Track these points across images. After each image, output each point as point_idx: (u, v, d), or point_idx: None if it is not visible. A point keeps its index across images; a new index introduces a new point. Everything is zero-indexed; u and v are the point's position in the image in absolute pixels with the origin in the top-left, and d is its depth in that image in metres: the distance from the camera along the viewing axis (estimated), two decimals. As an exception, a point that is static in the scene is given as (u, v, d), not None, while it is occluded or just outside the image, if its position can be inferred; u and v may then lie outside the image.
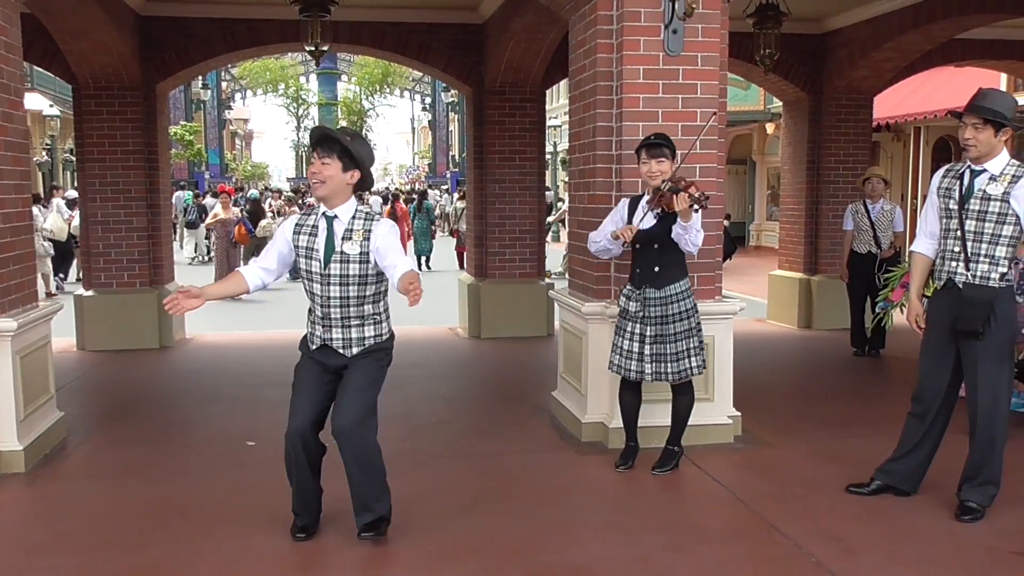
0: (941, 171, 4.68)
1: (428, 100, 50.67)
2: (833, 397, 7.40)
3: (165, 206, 9.89)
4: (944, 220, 4.56)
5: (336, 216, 4.09)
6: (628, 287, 5.22)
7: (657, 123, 5.53)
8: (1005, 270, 4.43)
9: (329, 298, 4.10)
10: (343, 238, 4.07)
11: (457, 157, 44.56)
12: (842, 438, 6.00)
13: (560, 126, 27.23)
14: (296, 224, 4.21)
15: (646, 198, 5.11)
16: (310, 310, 4.22)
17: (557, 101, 32.19)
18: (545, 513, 4.68)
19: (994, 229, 4.40)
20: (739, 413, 5.96)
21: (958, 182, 4.50)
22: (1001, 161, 4.44)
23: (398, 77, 46.60)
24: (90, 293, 9.46)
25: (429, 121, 53.68)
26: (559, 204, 25.59)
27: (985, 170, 4.44)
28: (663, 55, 5.53)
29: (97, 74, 9.02)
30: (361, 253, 4.06)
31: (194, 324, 10.37)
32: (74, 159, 11.36)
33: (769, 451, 5.74)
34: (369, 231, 4.07)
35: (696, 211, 4.88)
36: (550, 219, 20.49)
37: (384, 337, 4.21)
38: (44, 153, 24.75)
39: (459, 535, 4.37)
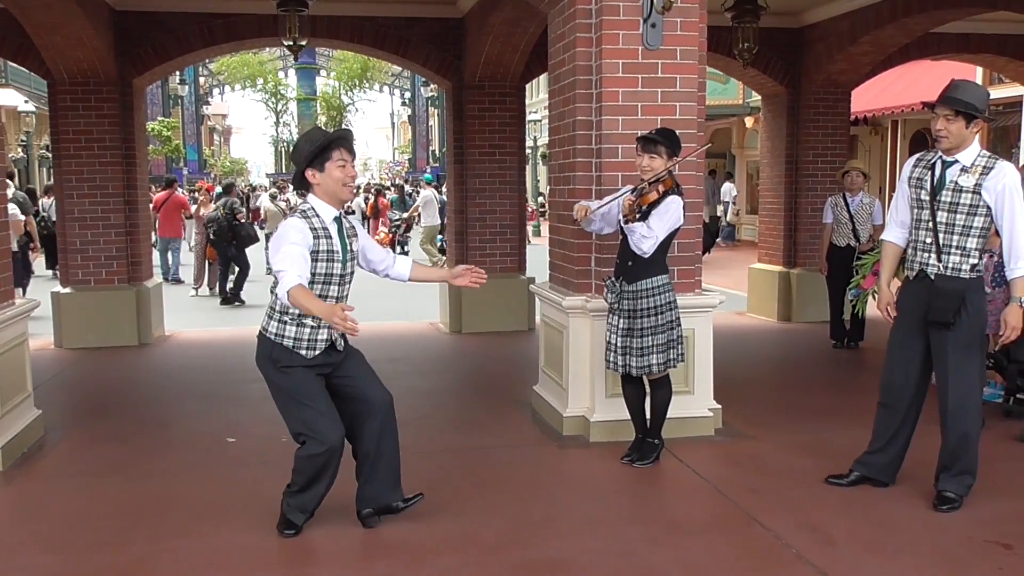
0: (912, 160, 4.68)
1: (408, 95, 50.48)
2: (813, 389, 7.45)
3: (143, 202, 9.82)
4: (915, 210, 4.57)
5: (340, 217, 4.21)
6: (610, 278, 5.24)
7: (636, 117, 5.55)
8: (976, 261, 4.47)
9: (343, 297, 4.17)
10: (350, 237, 4.22)
11: (437, 152, 44.45)
12: (822, 430, 6.04)
13: (540, 120, 27.24)
14: (311, 228, 4.03)
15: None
16: (300, 317, 4.03)
17: (537, 95, 32.19)
18: (526, 507, 4.68)
19: (965, 220, 4.43)
20: (719, 406, 5.98)
21: (929, 172, 4.52)
22: (972, 152, 4.46)
23: (377, 72, 46.41)
24: (68, 290, 9.38)
25: (409, 116, 53.53)
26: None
27: (957, 161, 4.46)
28: (642, 49, 5.54)
29: (72, 69, 8.93)
30: (356, 251, 4.28)
31: (173, 321, 10.31)
32: (50, 155, 11.25)
33: (749, 443, 5.77)
34: (353, 228, 4.30)
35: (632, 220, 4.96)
36: (403, 215, 19.91)
37: None
38: (20, 150, 24.49)
39: (440, 530, 4.36)
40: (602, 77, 5.56)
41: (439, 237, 19.87)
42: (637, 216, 4.97)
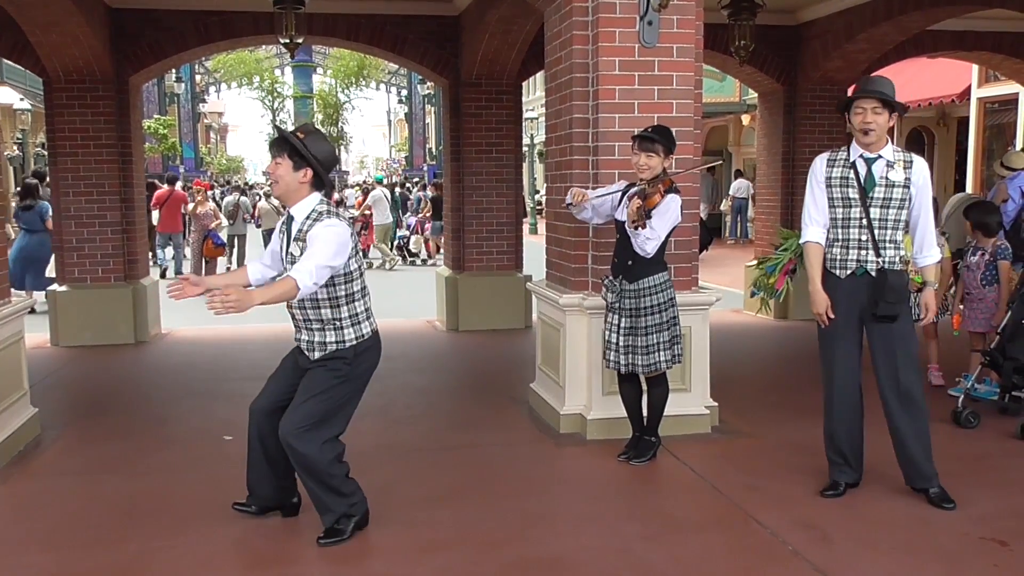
0: (823, 161, 4.62)
1: (404, 93, 50.36)
2: (809, 387, 7.41)
3: (139, 200, 9.80)
4: (840, 209, 4.53)
5: (292, 217, 4.10)
6: (608, 277, 5.24)
7: (633, 115, 5.55)
8: (904, 253, 4.56)
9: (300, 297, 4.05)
10: (293, 239, 4.05)
11: (434, 149, 44.40)
12: (818, 427, 5.97)
13: (537, 118, 27.22)
14: (280, 222, 4.27)
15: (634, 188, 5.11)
16: None
17: (534, 93, 32.18)
18: (523, 505, 4.69)
19: (896, 215, 4.49)
20: (716, 403, 5.99)
21: (852, 171, 4.50)
22: (888, 147, 4.51)
23: (374, 70, 46.30)
24: (64, 288, 9.36)
25: (405, 114, 53.40)
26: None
27: (880, 156, 4.48)
28: (639, 47, 5.54)
29: (68, 67, 8.92)
30: (297, 253, 4.00)
31: (170, 319, 10.30)
32: (46, 154, 11.24)
33: (746, 441, 5.77)
34: (303, 232, 3.98)
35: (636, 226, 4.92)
36: (354, 213, 19.51)
37: (346, 345, 4.04)
38: (15, 148, 24.45)
39: (437, 527, 4.37)
40: (598, 75, 5.56)
41: (399, 235, 20.01)
42: (646, 221, 4.92)
